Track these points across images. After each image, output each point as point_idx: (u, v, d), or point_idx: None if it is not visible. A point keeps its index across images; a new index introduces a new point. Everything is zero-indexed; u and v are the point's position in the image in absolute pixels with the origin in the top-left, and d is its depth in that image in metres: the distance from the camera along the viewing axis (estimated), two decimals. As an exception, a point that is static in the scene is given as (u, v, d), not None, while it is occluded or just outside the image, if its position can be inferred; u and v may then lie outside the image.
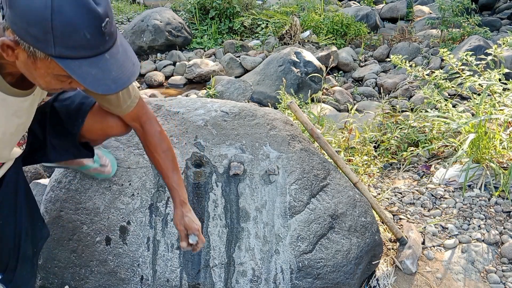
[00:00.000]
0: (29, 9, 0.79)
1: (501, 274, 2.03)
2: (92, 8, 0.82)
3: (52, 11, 0.79)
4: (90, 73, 0.85)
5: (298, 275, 1.68)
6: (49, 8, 0.79)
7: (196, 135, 1.82)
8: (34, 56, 0.85)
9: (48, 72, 0.90)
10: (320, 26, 6.85)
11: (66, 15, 0.80)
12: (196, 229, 1.35)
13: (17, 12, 0.80)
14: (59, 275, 1.69)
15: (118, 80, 0.90)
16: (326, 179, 1.90)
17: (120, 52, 0.91)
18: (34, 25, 0.80)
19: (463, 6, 5.90)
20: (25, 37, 0.82)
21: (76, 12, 0.81)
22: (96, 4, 0.83)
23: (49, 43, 0.81)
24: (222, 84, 4.96)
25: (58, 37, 0.81)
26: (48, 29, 0.80)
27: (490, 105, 2.73)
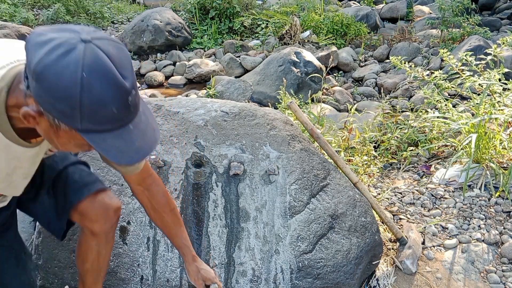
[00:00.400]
0: (57, 85, 0.78)
1: (501, 274, 2.03)
2: (120, 84, 0.81)
3: (81, 89, 0.78)
4: (114, 146, 0.85)
5: (298, 275, 1.68)
6: (78, 85, 0.78)
7: (196, 135, 1.82)
8: (58, 126, 0.84)
9: (70, 141, 0.89)
10: (320, 26, 6.85)
11: (95, 92, 0.79)
12: (214, 277, 1.38)
13: (45, 86, 0.79)
14: (59, 275, 1.69)
15: (141, 150, 0.89)
16: (326, 179, 1.90)
17: (142, 120, 0.90)
18: (61, 101, 0.79)
19: (463, 6, 5.90)
20: (51, 111, 0.81)
21: (104, 88, 0.80)
22: (124, 78, 0.82)
23: (75, 118, 0.80)
24: (222, 84, 4.96)
25: (86, 113, 0.80)
26: (76, 105, 0.79)
27: (490, 105, 2.73)
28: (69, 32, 0.81)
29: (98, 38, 0.81)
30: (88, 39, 0.79)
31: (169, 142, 1.80)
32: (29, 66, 0.80)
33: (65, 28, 0.83)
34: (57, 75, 0.77)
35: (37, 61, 0.78)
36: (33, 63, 0.78)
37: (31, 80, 0.80)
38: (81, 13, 7.30)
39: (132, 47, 6.55)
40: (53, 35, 0.80)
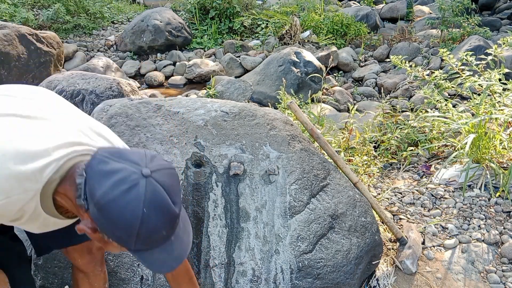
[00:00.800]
0: (119, 219, 0.86)
1: (501, 274, 2.03)
2: (172, 212, 0.90)
3: (141, 222, 0.86)
4: (158, 259, 0.94)
5: (298, 275, 1.68)
6: (139, 220, 0.86)
7: (196, 135, 1.82)
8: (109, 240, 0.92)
9: (117, 249, 0.98)
10: (320, 26, 6.85)
11: (151, 223, 0.88)
12: None
13: (107, 217, 0.87)
14: (59, 275, 1.69)
15: (178, 257, 0.97)
16: (326, 179, 1.90)
17: (180, 227, 0.98)
18: (121, 230, 0.87)
19: (463, 6, 5.90)
20: (108, 234, 0.90)
21: (160, 219, 0.89)
22: (174, 204, 0.91)
23: (130, 242, 0.89)
24: (222, 84, 4.96)
25: (140, 239, 0.88)
26: (133, 234, 0.87)
27: (490, 105, 2.73)
28: (130, 163, 0.89)
29: (156, 169, 0.90)
30: (148, 173, 0.88)
31: (169, 142, 1.80)
32: (91, 194, 0.88)
33: (126, 156, 0.91)
34: (120, 210, 0.86)
35: (101, 194, 0.86)
36: (96, 194, 0.87)
37: (92, 206, 0.88)
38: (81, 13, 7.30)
39: (132, 47, 6.55)
40: (115, 166, 0.88)
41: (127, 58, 6.53)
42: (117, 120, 1.82)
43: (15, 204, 0.95)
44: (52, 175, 0.97)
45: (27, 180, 0.94)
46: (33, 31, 4.87)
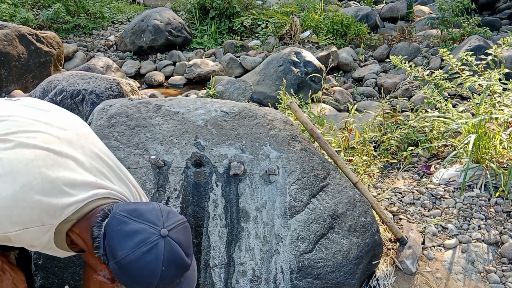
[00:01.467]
0: (140, 276, 0.94)
1: (501, 274, 2.03)
2: (186, 264, 0.99)
3: (160, 278, 0.95)
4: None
5: (298, 275, 1.68)
6: (158, 276, 0.94)
7: (196, 135, 1.82)
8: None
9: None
10: (320, 26, 6.85)
11: (168, 277, 0.96)
12: None
13: (128, 274, 0.94)
14: (59, 275, 1.69)
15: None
16: (326, 179, 1.90)
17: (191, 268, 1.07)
18: (140, 284, 0.95)
19: (463, 6, 5.90)
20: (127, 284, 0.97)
21: (176, 272, 0.98)
22: (187, 256, 0.99)
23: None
24: (222, 84, 4.96)
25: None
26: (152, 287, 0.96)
27: (490, 105, 2.73)
28: (148, 224, 0.96)
29: (173, 227, 0.98)
30: (166, 234, 0.96)
31: (169, 142, 1.80)
32: (112, 253, 0.94)
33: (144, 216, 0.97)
34: (140, 269, 0.94)
35: (122, 255, 0.93)
36: (118, 254, 0.94)
37: (113, 264, 0.95)
38: (81, 13, 7.30)
39: (132, 47, 6.55)
40: (135, 227, 0.94)
41: (127, 58, 6.53)
42: (117, 120, 1.82)
43: (30, 235, 0.99)
44: (71, 215, 1.02)
45: (46, 215, 0.98)
46: (33, 31, 4.87)
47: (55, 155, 1.03)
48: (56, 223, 1.01)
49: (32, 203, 0.96)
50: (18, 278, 1.23)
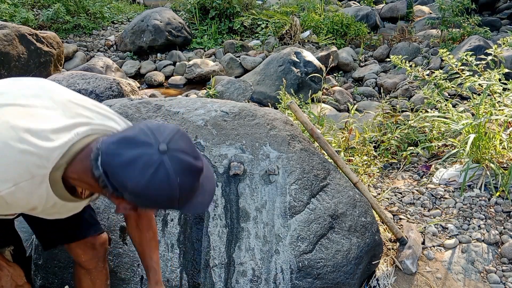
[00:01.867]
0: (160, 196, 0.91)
1: (501, 274, 2.03)
2: (199, 168, 0.96)
3: (180, 190, 0.92)
4: (197, 203, 1.00)
5: (298, 275, 1.68)
6: (177, 189, 0.91)
7: (196, 135, 1.82)
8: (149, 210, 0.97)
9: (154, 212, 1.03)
10: (320, 26, 6.85)
11: (187, 185, 0.94)
12: None
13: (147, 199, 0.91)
14: (59, 275, 1.69)
15: (211, 192, 1.04)
16: (326, 179, 1.90)
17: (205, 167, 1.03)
18: (164, 203, 0.93)
19: (463, 6, 5.90)
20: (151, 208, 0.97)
21: (192, 178, 0.95)
22: (196, 159, 0.95)
23: (174, 206, 0.96)
24: (222, 84, 4.96)
25: (183, 200, 0.95)
26: (175, 201, 0.94)
27: (490, 105, 2.72)
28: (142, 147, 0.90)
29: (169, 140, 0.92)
30: (165, 148, 0.91)
31: (169, 142, 1.80)
32: (122, 186, 0.90)
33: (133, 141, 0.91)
34: (158, 190, 0.90)
35: (133, 185, 0.89)
36: (128, 185, 0.89)
37: (128, 195, 0.91)
38: (81, 13, 7.30)
39: (132, 47, 6.55)
40: (131, 154, 0.89)
41: (127, 58, 6.53)
42: (117, 120, 1.82)
43: (24, 191, 0.96)
44: (59, 161, 0.98)
45: (33, 166, 0.95)
46: (33, 31, 4.87)
47: (24, 108, 1.01)
48: (46, 172, 0.97)
49: (15, 157, 0.93)
50: (17, 274, 1.22)
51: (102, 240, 1.42)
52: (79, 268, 1.45)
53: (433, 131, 3.09)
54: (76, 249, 1.38)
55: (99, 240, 1.41)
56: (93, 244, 1.40)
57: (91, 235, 1.39)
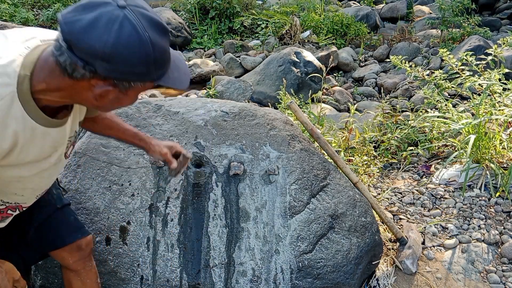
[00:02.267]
0: (133, 54, 0.86)
1: (501, 274, 2.03)
2: (165, 26, 0.92)
3: (152, 46, 0.88)
4: (174, 78, 0.98)
5: (298, 275, 1.68)
6: (149, 45, 0.87)
7: (196, 135, 1.82)
8: (129, 89, 0.94)
9: (135, 95, 1.00)
10: (320, 26, 6.85)
11: (158, 42, 0.89)
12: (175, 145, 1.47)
13: (120, 61, 0.86)
14: (59, 275, 1.69)
15: (186, 73, 1.03)
16: (326, 179, 1.90)
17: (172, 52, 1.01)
18: (140, 64, 0.89)
19: (463, 6, 5.90)
20: (129, 77, 0.91)
21: (161, 36, 0.91)
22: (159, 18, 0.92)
23: (151, 72, 0.92)
24: (222, 84, 4.96)
25: (158, 63, 0.91)
26: (151, 61, 0.89)
27: (490, 105, 2.72)
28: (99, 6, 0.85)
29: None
30: (124, 4, 0.86)
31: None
32: (91, 52, 0.84)
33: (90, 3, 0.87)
34: (129, 48, 0.85)
35: (101, 45, 0.83)
36: (97, 48, 0.83)
37: (100, 63, 0.85)
38: (81, 13, 7.29)
39: (132, 47, 6.54)
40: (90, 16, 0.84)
41: (127, 58, 6.52)
42: (117, 120, 1.82)
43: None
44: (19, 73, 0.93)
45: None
46: (33, 31, 4.86)
47: None
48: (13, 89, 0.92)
49: None
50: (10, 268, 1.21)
51: (87, 241, 1.43)
52: (67, 272, 1.45)
53: (433, 131, 3.09)
54: (63, 252, 1.39)
55: (84, 241, 1.42)
56: (79, 245, 1.41)
57: (78, 238, 1.40)
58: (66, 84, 0.93)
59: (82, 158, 1.78)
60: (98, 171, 1.76)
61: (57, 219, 1.39)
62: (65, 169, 1.78)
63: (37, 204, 1.31)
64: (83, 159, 1.78)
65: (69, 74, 0.89)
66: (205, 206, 1.72)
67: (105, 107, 1.00)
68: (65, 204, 1.43)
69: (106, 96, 0.94)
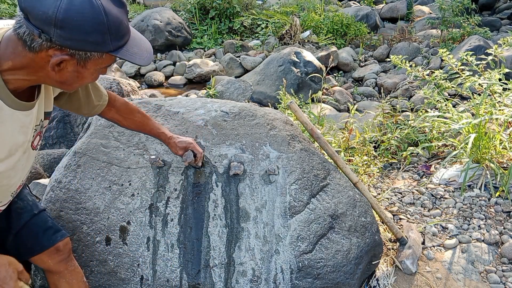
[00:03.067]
0: (85, 21, 0.88)
1: (501, 274, 2.03)
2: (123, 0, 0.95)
3: (105, 14, 0.90)
4: (134, 53, 1.01)
5: (298, 275, 1.68)
6: (102, 12, 0.89)
7: (196, 135, 1.82)
8: (86, 60, 0.96)
9: (95, 69, 1.01)
10: (320, 26, 6.85)
11: (113, 13, 0.92)
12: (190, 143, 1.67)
13: (73, 28, 0.88)
14: (59, 275, 1.69)
15: (148, 50, 1.05)
16: (326, 179, 1.90)
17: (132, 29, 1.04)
18: (93, 32, 0.90)
19: (463, 6, 5.91)
20: (84, 47, 0.92)
21: (117, 7, 0.93)
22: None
23: (107, 42, 0.93)
24: (222, 84, 4.96)
25: (113, 34, 0.93)
26: (105, 30, 0.91)
27: (490, 105, 2.72)
28: None
29: None
30: None
31: (169, 142, 1.80)
32: (45, 20, 0.87)
33: None
34: (80, 13, 0.87)
35: (52, 11, 0.86)
36: (48, 15, 0.86)
37: (54, 30, 0.88)
38: (81, 13, 7.29)
39: (132, 47, 6.53)
40: None
41: (127, 58, 6.52)
42: (117, 120, 1.82)
43: None
44: None
45: None
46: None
47: None
48: None
49: None
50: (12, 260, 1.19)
51: (65, 243, 1.44)
52: (51, 275, 1.46)
53: (433, 131, 3.09)
54: (42, 256, 1.40)
55: (62, 243, 1.44)
56: (57, 248, 1.42)
57: (57, 242, 1.41)
58: (28, 59, 0.95)
59: (82, 158, 1.78)
60: (98, 171, 1.76)
61: (35, 224, 1.41)
62: (65, 169, 1.78)
63: (15, 212, 1.34)
64: (83, 159, 1.78)
65: (29, 46, 0.92)
66: (205, 206, 1.72)
67: (67, 82, 1.02)
68: (41, 210, 1.45)
69: (65, 68, 0.96)
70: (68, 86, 1.05)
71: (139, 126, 1.60)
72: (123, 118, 1.55)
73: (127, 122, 1.57)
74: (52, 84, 1.06)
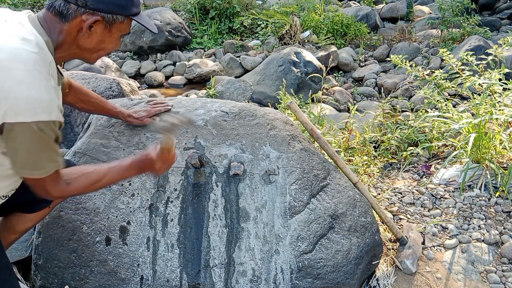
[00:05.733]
0: None
1: (501, 274, 2.03)
2: None
3: None
4: (146, 21, 1.22)
5: (298, 275, 1.68)
6: None
7: (196, 135, 1.82)
8: (112, 24, 1.14)
9: (118, 35, 1.19)
10: (320, 26, 6.85)
11: None
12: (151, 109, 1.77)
13: None
14: (59, 275, 1.69)
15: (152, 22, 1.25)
16: (326, 179, 1.90)
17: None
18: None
19: (463, 6, 5.91)
20: (112, 9, 1.12)
21: None
22: None
23: (128, 6, 1.14)
24: (222, 84, 4.96)
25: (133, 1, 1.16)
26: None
27: (490, 105, 2.72)
28: None
29: None
30: None
31: (169, 142, 1.80)
32: None
33: None
34: None
35: None
36: None
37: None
38: (81, 13, 7.29)
39: (132, 47, 6.55)
40: None
41: (127, 58, 6.53)
42: (117, 120, 1.82)
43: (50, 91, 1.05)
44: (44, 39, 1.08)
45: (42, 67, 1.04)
46: (33, 31, 4.86)
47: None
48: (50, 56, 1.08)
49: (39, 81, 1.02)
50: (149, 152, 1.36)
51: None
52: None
53: (433, 131, 3.09)
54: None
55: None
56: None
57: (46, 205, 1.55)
58: (65, 33, 1.11)
59: (82, 158, 1.78)
60: (98, 171, 1.76)
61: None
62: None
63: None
64: (83, 159, 1.78)
65: (65, 17, 1.09)
66: (205, 206, 1.72)
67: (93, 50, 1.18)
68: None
69: (94, 32, 1.12)
70: (92, 53, 1.21)
71: (96, 107, 1.65)
72: (80, 100, 1.59)
73: (85, 104, 1.61)
74: (78, 56, 1.20)
